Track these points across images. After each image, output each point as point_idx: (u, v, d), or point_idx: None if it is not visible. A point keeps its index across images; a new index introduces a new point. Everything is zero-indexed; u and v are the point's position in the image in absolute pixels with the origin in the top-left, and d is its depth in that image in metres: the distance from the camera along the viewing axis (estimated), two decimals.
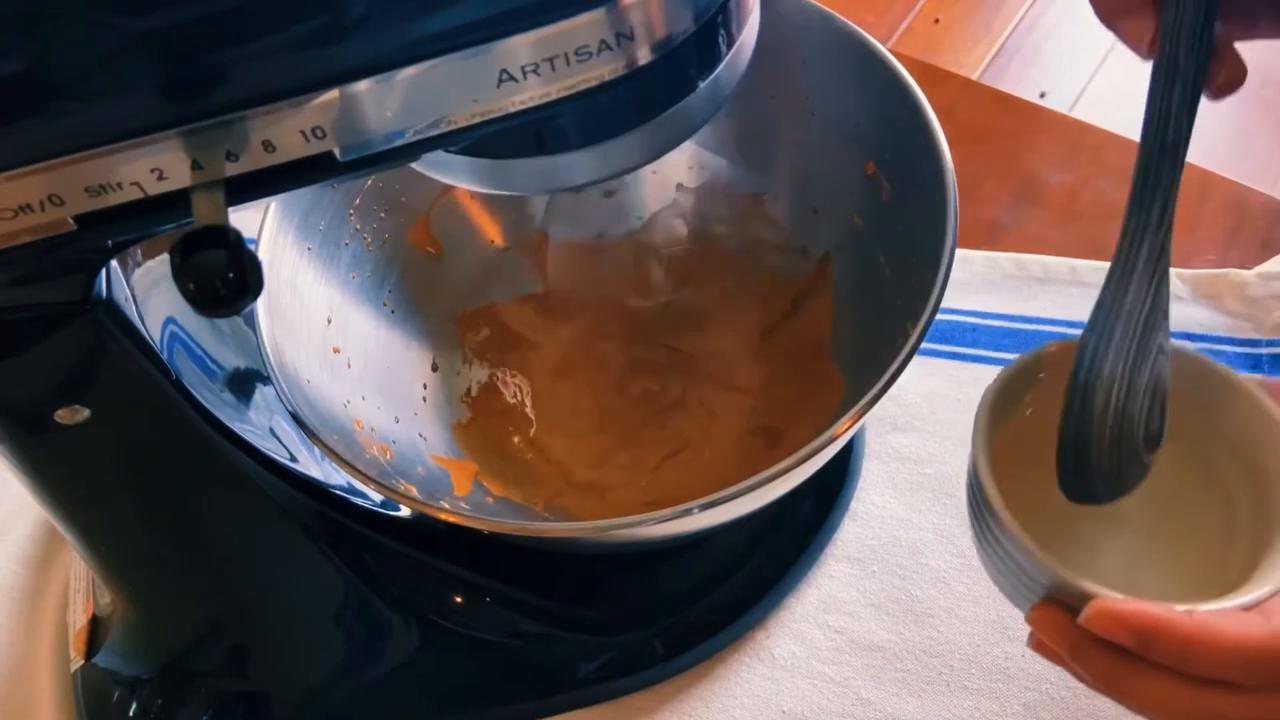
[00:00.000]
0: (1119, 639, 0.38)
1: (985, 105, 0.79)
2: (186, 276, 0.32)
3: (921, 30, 1.78)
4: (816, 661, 0.57)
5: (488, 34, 0.32)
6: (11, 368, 0.41)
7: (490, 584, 0.58)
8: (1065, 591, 0.40)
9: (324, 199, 0.57)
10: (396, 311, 0.61)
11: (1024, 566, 0.42)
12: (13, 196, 0.34)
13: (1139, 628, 0.37)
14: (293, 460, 0.52)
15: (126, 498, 0.49)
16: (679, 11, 0.33)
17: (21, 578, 0.64)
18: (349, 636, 0.56)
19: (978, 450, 0.44)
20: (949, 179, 0.50)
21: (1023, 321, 0.67)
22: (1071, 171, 0.74)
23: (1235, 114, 1.65)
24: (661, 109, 0.36)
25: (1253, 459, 0.45)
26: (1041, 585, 0.41)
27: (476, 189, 0.41)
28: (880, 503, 0.62)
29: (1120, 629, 0.38)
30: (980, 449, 0.44)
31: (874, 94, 0.54)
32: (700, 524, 0.51)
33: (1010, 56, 1.73)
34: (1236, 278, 0.66)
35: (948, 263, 0.48)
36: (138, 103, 0.33)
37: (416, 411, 0.60)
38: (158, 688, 0.55)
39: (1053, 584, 0.41)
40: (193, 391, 0.45)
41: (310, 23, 0.32)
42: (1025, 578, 0.42)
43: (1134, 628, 0.37)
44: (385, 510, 0.56)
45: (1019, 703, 0.55)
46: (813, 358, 0.61)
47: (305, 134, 0.34)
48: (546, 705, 0.57)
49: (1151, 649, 0.38)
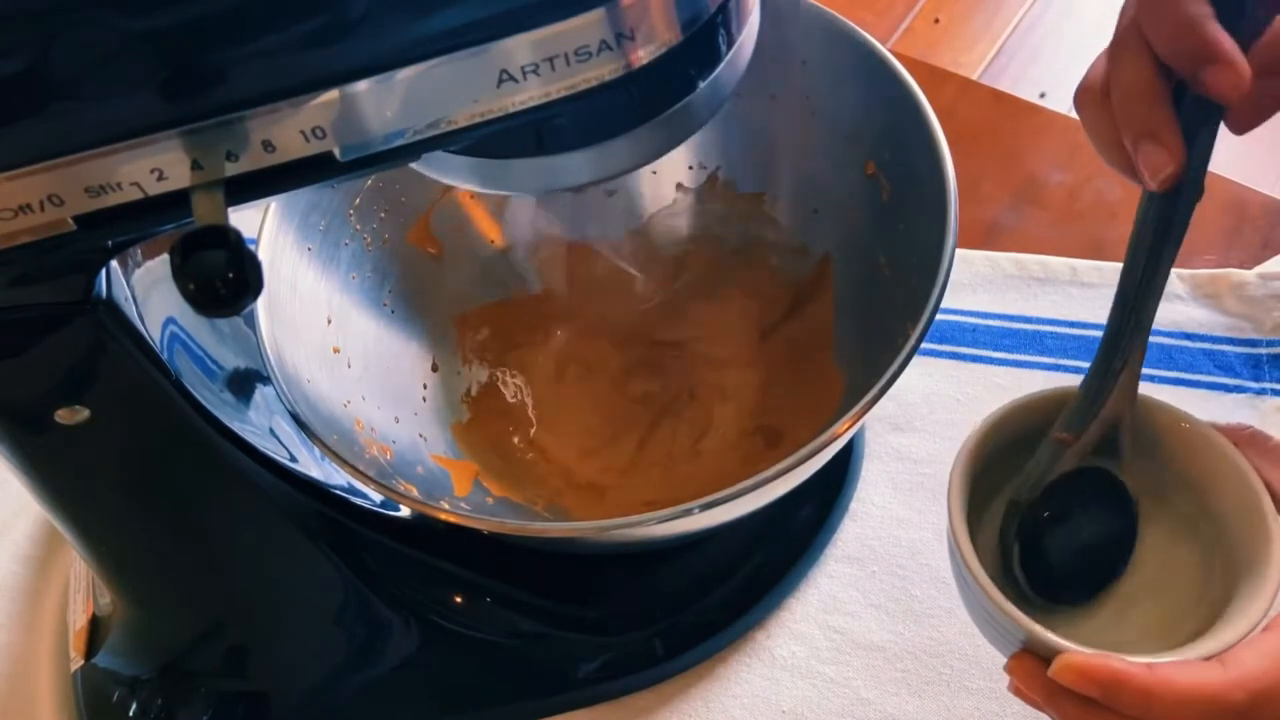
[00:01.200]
0: (1085, 691, 0.40)
1: (985, 105, 0.79)
2: (186, 276, 0.32)
3: (921, 30, 1.78)
4: (816, 661, 0.57)
5: (488, 34, 0.32)
6: (11, 368, 0.41)
7: (490, 584, 0.58)
8: (1038, 644, 0.42)
9: (324, 199, 0.57)
10: (396, 311, 0.61)
11: (999, 621, 0.43)
12: (13, 196, 0.34)
13: (1102, 681, 0.40)
14: (293, 460, 0.52)
15: (127, 498, 0.49)
16: (679, 12, 0.33)
17: (21, 578, 0.64)
18: (349, 636, 0.56)
19: (952, 508, 0.45)
20: (949, 179, 0.50)
21: (1023, 321, 0.67)
22: (1071, 171, 0.74)
23: None
24: (661, 109, 0.36)
25: (1219, 507, 0.46)
26: (1016, 638, 0.43)
27: (476, 189, 0.41)
28: (880, 503, 0.62)
29: (1085, 682, 0.40)
30: (955, 507, 0.45)
31: (874, 94, 0.54)
32: (700, 524, 0.51)
33: (1010, 56, 1.73)
34: (1236, 278, 0.66)
35: (948, 263, 0.48)
36: (138, 103, 0.33)
37: (416, 411, 0.60)
38: (158, 688, 0.56)
39: (1026, 638, 0.43)
40: (193, 391, 0.45)
41: (310, 23, 0.32)
42: (1002, 630, 0.44)
43: (1098, 681, 0.40)
44: (385, 510, 0.56)
45: (1019, 702, 0.55)
46: (813, 358, 0.61)
47: (305, 134, 0.34)
48: (546, 705, 0.57)
49: (1116, 700, 0.40)
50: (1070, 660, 0.41)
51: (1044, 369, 0.65)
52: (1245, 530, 0.44)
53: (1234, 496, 0.44)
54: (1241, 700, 0.39)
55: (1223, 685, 0.39)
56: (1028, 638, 0.43)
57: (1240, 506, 0.44)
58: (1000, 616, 0.43)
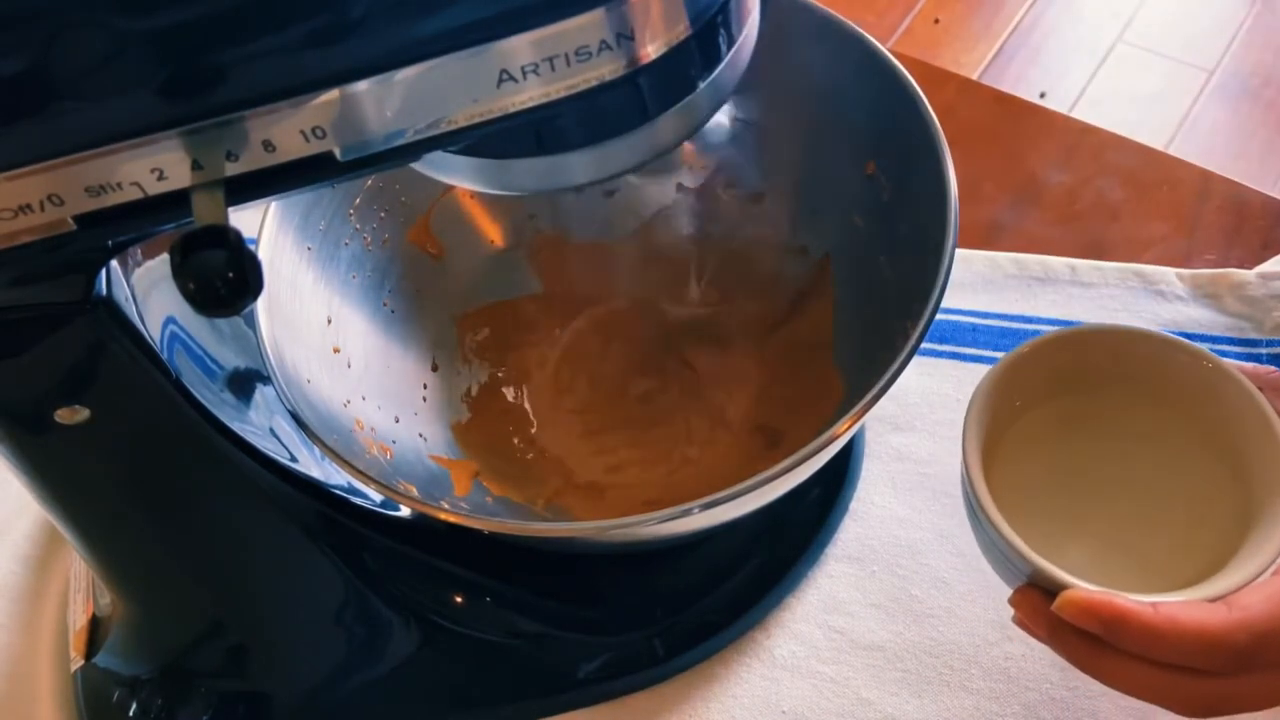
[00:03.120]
0: (1087, 627, 0.41)
1: (985, 105, 0.79)
2: (186, 276, 0.32)
3: (921, 30, 1.78)
4: (816, 661, 0.57)
5: (488, 34, 0.32)
6: (11, 368, 0.41)
7: (490, 584, 0.58)
8: (1044, 579, 0.43)
9: (324, 199, 0.57)
10: (396, 311, 0.61)
11: (1008, 555, 0.44)
12: (13, 196, 0.34)
13: (1105, 618, 0.40)
14: (293, 460, 0.52)
15: (127, 497, 0.49)
16: (679, 12, 0.33)
17: (21, 578, 0.63)
18: (349, 636, 0.56)
19: (967, 443, 0.45)
20: (949, 179, 0.50)
21: (1023, 321, 0.67)
22: (1071, 171, 0.74)
23: (1235, 114, 1.65)
24: (661, 109, 0.36)
25: (1238, 448, 0.46)
26: (1024, 572, 0.44)
27: (476, 189, 0.41)
28: (880, 503, 0.62)
29: (1087, 618, 0.41)
30: (971, 441, 0.45)
31: (874, 94, 0.54)
32: (700, 524, 0.51)
33: (1010, 56, 1.73)
34: (1236, 278, 0.66)
35: (948, 263, 0.48)
36: (138, 103, 0.33)
37: (416, 411, 0.60)
38: (158, 688, 0.56)
39: (1032, 572, 0.43)
40: (193, 391, 0.45)
41: (310, 23, 0.32)
42: (1010, 564, 0.45)
43: (1101, 617, 0.40)
44: (385, 510, 0.56)
45: (1019, 703, 0.55)
46: (813, 358, 0.61)
47: (305, 134, 0.34)
48: (546, 705, 0.57)
49: (1118, 637, 0.40)
50: (1074, 596, 0.41)
51: None
52: (1263, 474, 0.44)
53: (1255, 438, 0.45)
54: (1244, 641, 0.39)
55: (1225, 625, 0.39)
56: (1034, 572, 0.43)
57: (1260, 449, 0.44)
58: (1007, 550, 0.43)
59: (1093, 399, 0.50)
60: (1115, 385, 0.50)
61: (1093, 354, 0.50)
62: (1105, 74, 1.70)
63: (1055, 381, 0.50)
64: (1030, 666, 0.56)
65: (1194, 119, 1.65)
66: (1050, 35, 1.75)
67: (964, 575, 0.59)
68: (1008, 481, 0.48)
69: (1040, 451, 0.50)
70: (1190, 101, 1.67)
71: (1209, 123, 1.65)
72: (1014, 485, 0.48)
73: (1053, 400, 0.50)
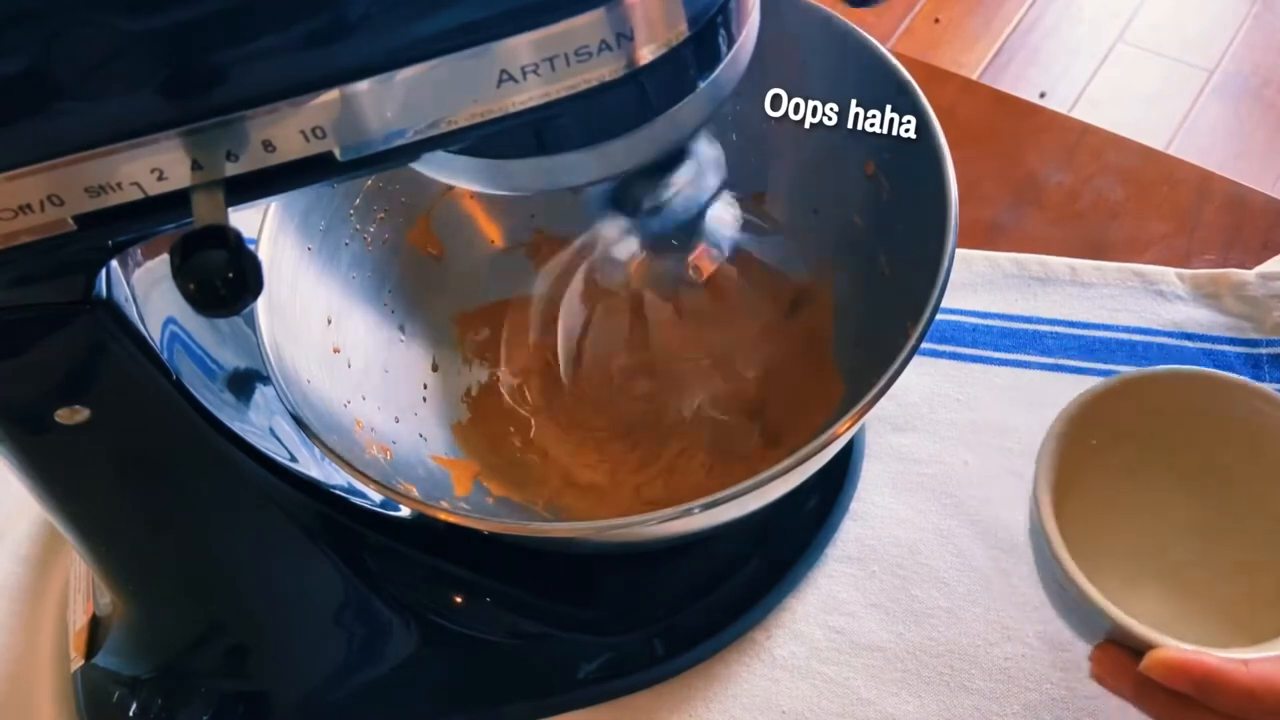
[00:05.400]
0: (1178, 688, 0.40)
1: (985, 105, 0.79)
2: (186, 276, 0.32)
3: (921, 30, 1.78)
4: (816, 661, 0.57)
5: (488, 34, 0.32)
6: (11, 368, 0.41)
7: (490, 584, 0.58)
8: (1128, 637, 0.41)
9: (324, 199, 0.57)
10: (396, 311, 0.61)
11: (1083, 607, 0.43)
12: (13, 196, 0.34)
13: (1197, 678, 0.39)
14: (293, 460, 0.52)
15: (126, 498, 0.49)
16: (679, 12, 0.33)
17: (21, 578, 0.63)
18: (349, 636, 0.56)
19: (1038, 489, 0.44)
20: (949, 179, 0.50)
21: (1023, 321, 0.67)
22: (1071, 171, 0.74)
23: (1235, 114, 1.65)
24: (661, 109, 0.36)
25: None
26: (1103, 628, 0.43)
27: (476, 189, 0.41)
28: (880, 503, 0.62)
29: (1179, 678, 0.40)
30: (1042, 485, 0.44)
31: (874, 94, 0.54)
32: (700, 524, 0.51)
33: (1010, 56, 1.73)
34: (1236, 278, 0.66)
35: (948, 263, 0.48)
36: (138, 103, 0.33)
37: (416, 411, 0.60)
38: (158, 688, 0.56)
39: (1112, 628, 0.42)
40: (193, 391, 0.45)
41: (310, 23, 0.32)
42: (1087, 619, 0.43)
43: (1192, 678, 0.39)
44: (385, 510, 0.56)
45: (1019, 703, 0.55)
46: (813, 358, 0.61)
47: (305, 134, 0.34)
48: (546, 705, 0.57)
49: (1211, 698, 0.39)
50: (1163, 656, 0.40)
51: (1044, 369, 0.65)
52: None
53: None
54: None
55: None
56: (1114, 629, 0.42)
57: None
58: (1083, 602, 0.42)
59: (1162, 439, 0.50)
60: (1184, 426, 0.49)
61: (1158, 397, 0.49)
62: (1105, 74, 1.70)
63: (1124, 422, 0.49)
64: (1030, 666, 0.56)
65: (1194, 119, 1.65)
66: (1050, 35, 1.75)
67: (964, 575, 0.59)
68: (1074, 517, 0.47)
69: (1107, 491, 0.50)
70: (1190, 101, 1.67)
71: (1209, 123, 1.65)
72: (1079, 520, 0.47)
73: (1119, 442, 0.50)
